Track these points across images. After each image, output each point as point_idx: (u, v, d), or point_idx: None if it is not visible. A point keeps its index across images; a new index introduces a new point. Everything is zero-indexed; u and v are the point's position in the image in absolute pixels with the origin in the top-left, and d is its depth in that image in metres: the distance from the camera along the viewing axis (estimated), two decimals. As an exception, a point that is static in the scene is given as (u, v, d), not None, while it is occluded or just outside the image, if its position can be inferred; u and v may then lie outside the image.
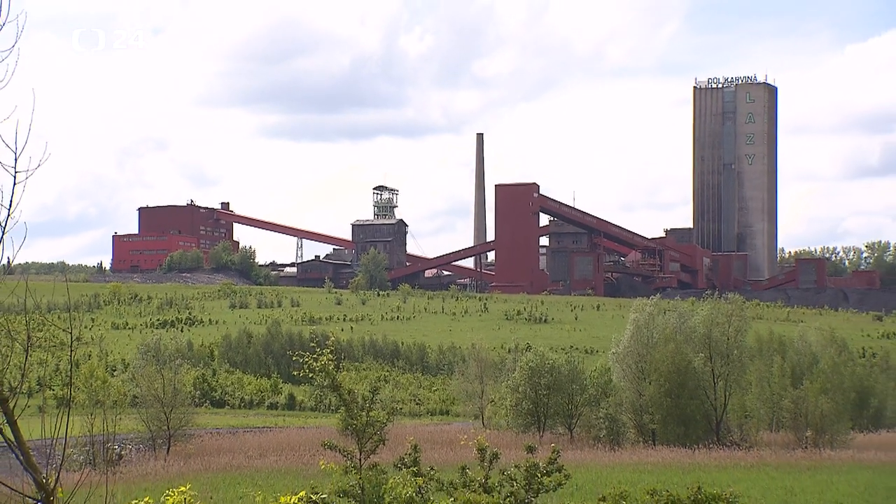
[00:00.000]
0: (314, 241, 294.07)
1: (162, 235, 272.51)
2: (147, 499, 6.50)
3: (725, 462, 53.56)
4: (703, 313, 72.96)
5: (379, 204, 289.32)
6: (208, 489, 36.64)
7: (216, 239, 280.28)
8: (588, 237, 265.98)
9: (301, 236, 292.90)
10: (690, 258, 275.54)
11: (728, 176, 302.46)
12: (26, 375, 8.48)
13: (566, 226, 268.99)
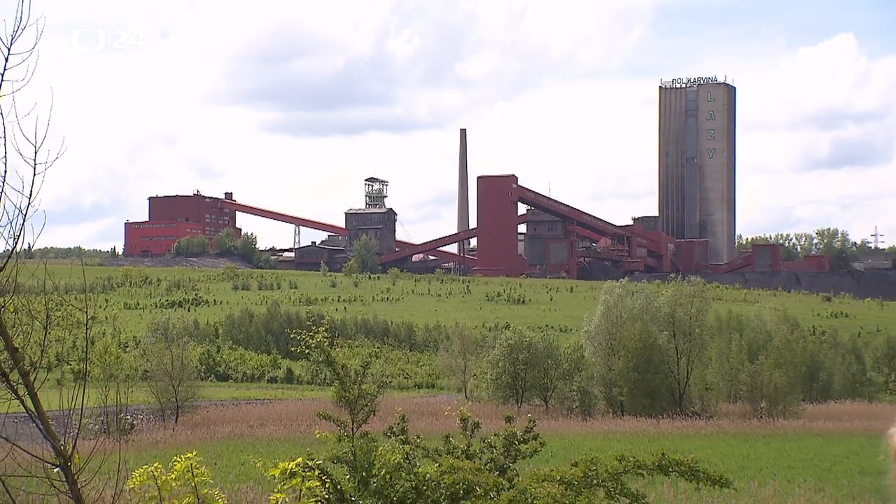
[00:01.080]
0: (310, 228, 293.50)
1: (170, 223, 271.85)
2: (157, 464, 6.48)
3: (687, 431, 53.72)
4: (668, 295, 73.15)
5: (370, 194, 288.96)
6: (213, 456, 36.65)
7: (220, 226, 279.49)
8: (562, 225, 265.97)
9: (298, 224, 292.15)
10: (656, 244, 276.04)
11: (691, 169, 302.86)
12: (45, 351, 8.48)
13: (542, 214, 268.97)
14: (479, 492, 7.58)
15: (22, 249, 8.49)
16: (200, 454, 6.74)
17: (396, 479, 7.88)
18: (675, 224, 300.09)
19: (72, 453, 8.51)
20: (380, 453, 8.11)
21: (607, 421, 60.64)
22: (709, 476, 7.37)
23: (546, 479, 6.79)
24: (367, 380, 10.30)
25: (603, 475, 7.14)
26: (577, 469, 6.96)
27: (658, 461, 7.35)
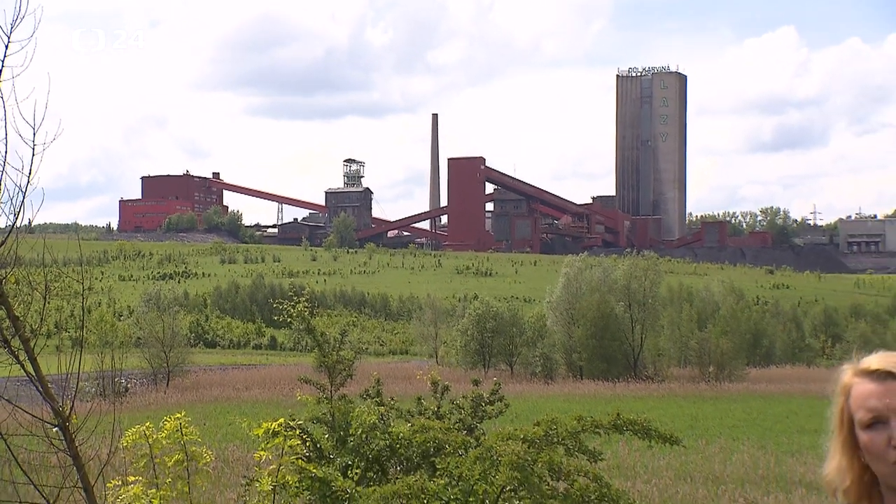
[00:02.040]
0: (293, 205, 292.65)
1: (161, 200, 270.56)
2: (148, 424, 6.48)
3: (641, 393, 53.93)
4: (624, 268, 73.43)
5: (348, 174, 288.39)
6: (202, 417, 36.60)
7: (208, 204, 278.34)
8: (526, 203, 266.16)
9: (281, 202, 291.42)
10: (613, 221, 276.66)
11: (645, 151, 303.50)
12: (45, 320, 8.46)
13: (508, 193, 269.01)
14: (448, 449, 7.59)
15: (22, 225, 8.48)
16: (190, 415, 6.73)
17: (372, 437, 7.88)
18: (631, 202, 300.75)
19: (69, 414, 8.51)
20: (356, 414, 8.11)
21: (567, 384, 60.85)
22: (660, 434, 7.39)
23: (510, 437, 6.81)
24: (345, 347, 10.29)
25: (563, 434, 7.15)
26: (538, 428, 6.98)
27: (613, 421, 7.37)
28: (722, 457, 30.17)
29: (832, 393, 3.25)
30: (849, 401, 3.18)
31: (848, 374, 3.22)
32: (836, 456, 3.21)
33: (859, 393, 3.14)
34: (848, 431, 3.17)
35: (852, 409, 3.16)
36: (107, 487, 6.96)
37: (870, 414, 3.08)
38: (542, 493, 6.68)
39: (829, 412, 3.24)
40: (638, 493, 22.55)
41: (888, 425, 3.04)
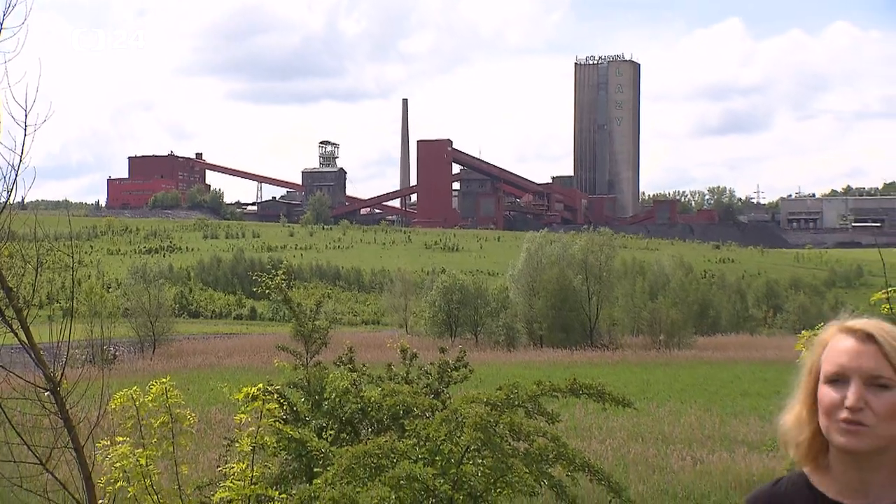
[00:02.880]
0: (271, 184, 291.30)
1: (147, 179, 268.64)
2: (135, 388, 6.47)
3: (597, 360, 54.12)
4: (581, 244, 73.54)
5: (323, 155, 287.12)
6: (186, 382, 36.46)
7: (191, 182, 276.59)
8: (491, 183, 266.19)
9: (260, 181, 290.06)
10: (571, 200, 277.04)
11: (601, 134, 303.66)
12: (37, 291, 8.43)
13: (473, 173, 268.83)
14: (416, 412, 7.60)
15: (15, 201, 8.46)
16: (174, 380, 6.71)
17: (345, 401, 7.89)
18: (588, 182, 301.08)
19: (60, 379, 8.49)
20: (330, 380, 8.11)
21: (528, 352, 60.97)
22: (613, 397, 7.43)
23: (474, 400, 6.82)
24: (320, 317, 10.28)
25: (523, 397, 7.18)
26: (500, 392, 7.00)
27: (570, 385, 7.40)
28: (671, 418, 30.34)
29: (810, 345, 3.10)
30: (822, 354, 3.02)
31: (831, 330, 3.05)
32: (798, 407, 3.05)
33: (835, 347, 2.97)
34: (814, 383, 3.01)
35: (823, 360, 2.99)
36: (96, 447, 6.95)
37: (837, 368, 2.92)
38: (503, 453, 6.71)
39: (801, 362, 3.07)
40: (593, 452, 22.66)
41: (848, 384, 2.87)
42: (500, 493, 6.78)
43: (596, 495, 12.49)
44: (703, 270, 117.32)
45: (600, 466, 7.00)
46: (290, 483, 7.16)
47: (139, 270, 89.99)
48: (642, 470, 22.11)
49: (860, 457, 2.87)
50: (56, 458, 8.66)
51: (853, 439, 2.83)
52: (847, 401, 2.84)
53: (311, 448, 7.09)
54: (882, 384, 2.84)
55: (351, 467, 6.27)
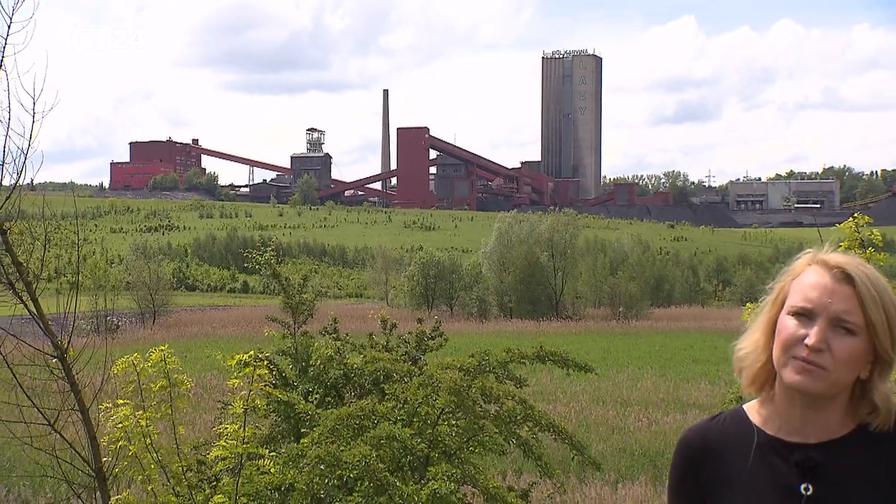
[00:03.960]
0: (262, 168, 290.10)
1: (148, 163, 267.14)
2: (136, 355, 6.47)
3: (561, 330, 54.33)
4: (548, 223, 73.67)
5: (311, 141, 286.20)
6: (183, 350, 36.37)
7: (188, 166, 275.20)
8: (465, 167, 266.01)
9: (252, 165, 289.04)
10: (539, 183, 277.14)
11: (566, 123, 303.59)
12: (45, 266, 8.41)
13: (449, 159, 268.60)
14: (395, 377, 7.61)
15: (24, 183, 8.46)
16: (173, 348, 6.70)
17: (329, 368, 7.89)
18: (554, 167, 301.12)
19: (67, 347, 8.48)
20: (316, 348, 8.11)
21: (499, 322, 61.17)
22: (576, 364, 7.46)
23: (448, 367, 6.84)
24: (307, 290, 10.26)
25: (493, 364, 7.19)
26: (473, 359, 7.01)
27: (537, 353, 7.43)
28: (629, 383, 30.49)
29: (782, 271, 2.69)
30: (794, 281, 2.62)
31: (805, 260, 2.65)
32: (756, 334, 2.66)
33: (807, 280, 2.56)
34: (777, 311, 2.62)
35: (791, 290, 2.59)
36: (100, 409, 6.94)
37: (804, 303, 2.52)
38: (475, 414, 6.73)
39: (770, 283, 2.67)
40: (558, 414, 22.75)
41: (813, 322, 2.49)
42: (472, 452, 6.79)
43: (560, 453, 12.54)
44: (658, 248, 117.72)
45: (564, 427, 7.03)
46: (279, 442, 7.16)
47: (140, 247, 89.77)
48: (603, 430, 22.23)
49: (808, 398, 2.54)
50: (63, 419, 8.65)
51: (808, 379, 2.48)
52: (809, 339, 2.47)
53: (299, 410, 7.09)
54: (848, 328, 2.47)
55: (335, 428, 6.27)
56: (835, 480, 2.53)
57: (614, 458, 18.95)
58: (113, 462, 7.55)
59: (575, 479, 16.29)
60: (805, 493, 2.54)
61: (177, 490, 6.41)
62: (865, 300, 2.47)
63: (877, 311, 2.47)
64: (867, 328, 2.48)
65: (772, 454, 2.61)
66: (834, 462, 2.55)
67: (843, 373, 2.50)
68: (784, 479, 2.57)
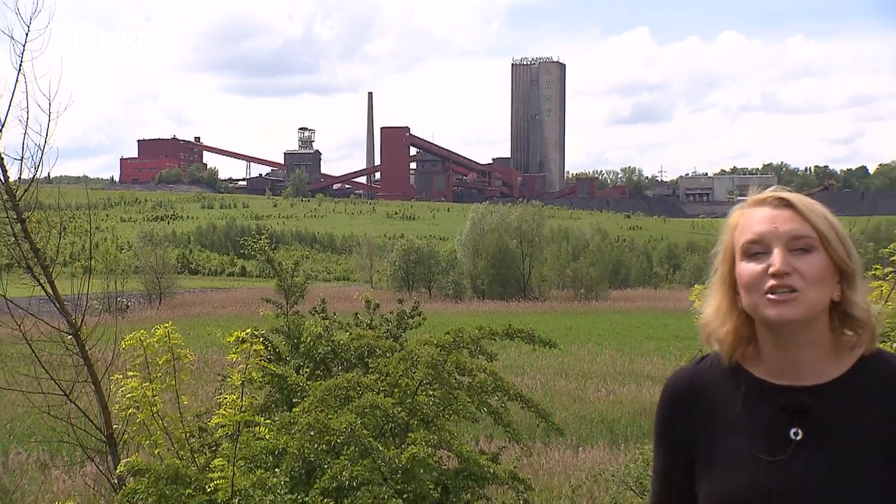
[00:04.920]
0: (258, 163, 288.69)
1: (154, 159, 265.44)
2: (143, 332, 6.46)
3: (529, 310, 54.41)
4: (516, 214, 73.77)
5: (302, 139, 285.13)
6: (187, 328, 36.19)
7: (191, 161, 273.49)
8: (442, 163, 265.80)
9: (249, 160, 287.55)
10: (508, 177, 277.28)
11: (534, 123, 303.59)
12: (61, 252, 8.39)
13: (427, 155, 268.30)
14: (378, 352, 7.62)
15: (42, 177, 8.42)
16: (177, 326, 6.69)
17: (318, 344, 7.89)
18: (522, 163, 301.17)
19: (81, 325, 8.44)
20: (306, 326, 8.11)
21: (472, 303, 61.21)
22: (542, 340, 7.48)
23: (426, 343, 6.86)
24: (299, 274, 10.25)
25: (467, 340, 7.21)
26: (448, 336, 7.03)
27: (506, 330, 7.45)
28: (589, 357, 30.60)
29: (720, 231, 2.39)
30: (735, 233, 2.32)
31: (738, 210, 2.36)
32: (716, 297, 2.37)
33: (746, 220, 2.29)
34: (730, 267, 2.33)
35: (736, 238, 2.30)
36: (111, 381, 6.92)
37: (753, 236, 2.24)
38: (451, 386, 6.75)
39: (714, 248, 2.38)
40: (525, 385, 22.82)
41: (768, 254, 2.21)
42: (447, 419, 6.81)
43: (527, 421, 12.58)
44: (616, 236, 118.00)
45: (531, 397, 7.06)
46: (273, 411, 7.16)
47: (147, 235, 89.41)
48: (565, 400, 22.31)
49: (789, 332, 2.22)
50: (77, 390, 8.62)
51: (785, 308, 2.17)
52: (772, 267, 2.18)
53: (291, 382, 7.09)
54: (804, 247, 2.20)
55: (324, 398, 6.28)
56: (825, 425, 2.22)
57: (575, 425, 19.02)
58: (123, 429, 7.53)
59: (540, 443, 16.36)
60: (795, 438, 2.23)
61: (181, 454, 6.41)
62: (809, 215, 2.22)
63: (823, 223, 2.21)
64: (821, 241, 2.20)
65: (761, 398, 2.29)
66: (825, 406, 2.23)
67: (815, 291, 2.18)
68: (773, 423, 2.26)
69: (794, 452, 2.21)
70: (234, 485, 5.73)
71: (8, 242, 8.28)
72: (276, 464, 6.01)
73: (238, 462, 5.85)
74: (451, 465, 6.74)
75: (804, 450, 2.21)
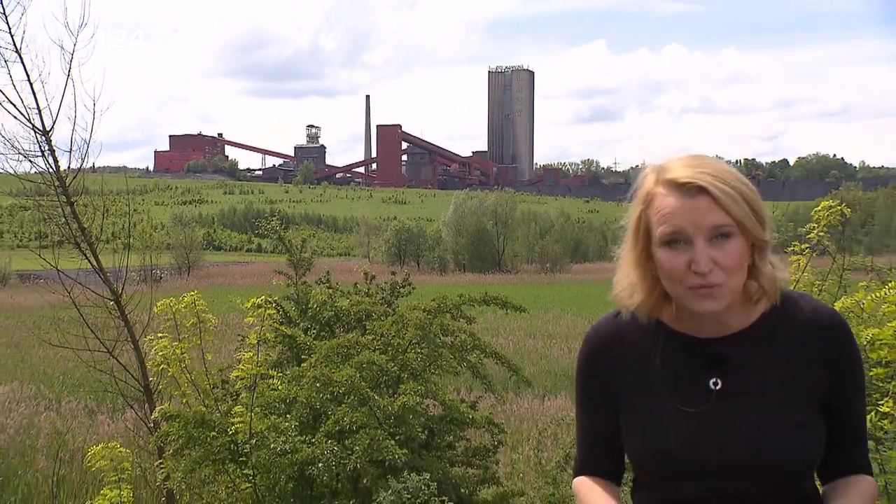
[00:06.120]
0: (272, 156, 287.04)
1: (183, 151, 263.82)
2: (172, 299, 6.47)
3: (503, 281, 54.49)
4: (492, 199, 73.84)
5: (309, 135, 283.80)
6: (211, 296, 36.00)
7: (215, 154, 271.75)
8: (429, 156, 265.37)
9: (264, 153, 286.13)
10: (486, 168, 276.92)
11: (507, 122, 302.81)
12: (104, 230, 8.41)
13: (416, 149, 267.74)
14: (374, 316, 7.64)
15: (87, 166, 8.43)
16: (202, 294, 6.70)
17: (323, 309, 7.90)
18: (498, 156, 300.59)
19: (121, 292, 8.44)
20: (313, 294, 8.12)
21: (455, 275, 61.25)
22: (514, 305, 7.51)
23: (415, 308, 6.88)
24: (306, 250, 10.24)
25: (450, 306, 7.24)
26: (433, 302, 7.06)
27: (483, 297, 7.48)
28: (554, 321, 30.69)
29: (628, 197, 2.05)
30: (648, 210, 1.97)
31: (651, 181, 1.97)
32: (629, 272, 2.09)
33: (663, 205, 1.92)
34: (644, 245, 2.01)
35: (652, 221, 1.96)
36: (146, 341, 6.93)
37: (673, 229, 1.89)
38: (436, 345, 6.78)
39: (625, 218, 2.05)
40: (500, 344, 22.90)
41: (691, 246, 1.88)
42: (433, 373, 6.85)
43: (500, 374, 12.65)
44: (577, 218, 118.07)
45: (504, 354, 7.09)
46: (285, 366, 7.18)
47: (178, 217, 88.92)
48: (533, 356, 22.40)
49: (710, 314, 1.95)
50: (119, 348, 8.63)
51: (711, 302, 1.89)
52: (696, 266, 1.87)
53: (300, 342, 7.10)
54: (723, 234, 1.88)
55: (328, 355, 6.29)
56: (744, 373, 1.95)
57: (542, 378, 19.12)
58: (157, 381, 7.55)
59: (512, 393, 16.45)
60: (714, 388, 1.95)
61: (206, 402, 6.43)
62: (725, 202, 1.86)
63: (739, 208, 1.87)
64: (738, 225, 1.88)
65: (680, 349, 2.01)
66: (742, 355, 1.95)
67: (736, 278, 1.90)
68: (693, 374, 1.98)
69: (714, 402, 1.95)
70: (251, 428, 5.76)
71: (59, 223, 8.32)
72: (287, 410, 6.04)
73: (255, 409, 5.88)
74: (436, 412, 6.78)
75: (723, 399, 1.94)
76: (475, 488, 6.26)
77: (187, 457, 5.84)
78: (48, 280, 9.14)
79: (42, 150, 8.10)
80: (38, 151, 8.10)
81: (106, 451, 6.25)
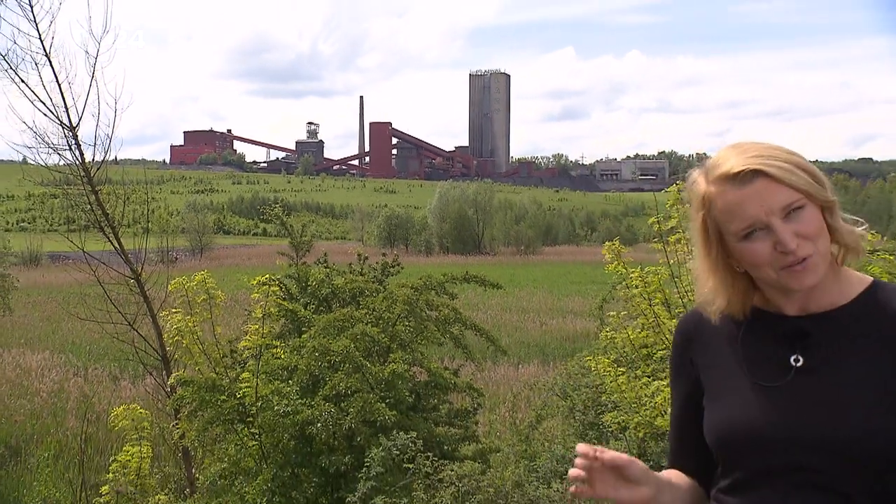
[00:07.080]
0: (276, 150, 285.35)
1: (196, 146, 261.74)
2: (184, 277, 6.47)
3: (482, 262, 54.56)
4: (473, 189, 73.78)
5: (309, 131, 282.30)
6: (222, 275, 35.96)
7: (224, 148, 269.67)
8: (416, 150, 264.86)
9: (269, 147, 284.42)
10: (467, 161, 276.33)
11: (486, 120, 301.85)
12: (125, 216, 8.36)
13: (405, 144, 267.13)
14: (367, 293, 7.64)
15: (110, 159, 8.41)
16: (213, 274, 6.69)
17: (322, 287, 7.90)
18: (477, 150, 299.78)
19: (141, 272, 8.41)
20: (312, 273, 8.12)
21: (440, 257, 61.27)
22: (491, 283, 7.55)
23: (403, 286, 6.88)
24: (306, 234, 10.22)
25: (434, 284, 7.25)
26: (420, 280, 7.07)
27: (464, 276, 7.50)
28: (528, 297, 30.80)
29: (689, 202, 1.78)
30: (711, 213, 1.72)
31: (701, 184, 1.74)
32: (707, 279, 1.77)
33: (726, 202, 1.68)
34: (717, 250, 1.74)
35: (720, 222, 1.70)
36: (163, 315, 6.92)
37: (749, 221, 1.66)
38: (422, 318, 6.79)
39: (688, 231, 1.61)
40: (478, 318, 22.91)
41: (769, 230, 1.65)
42: (419, 343, 6.87)
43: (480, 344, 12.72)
44: (548, 206, 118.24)
45: (482, 326, 7.12)
46: (287, 337, 7.18)
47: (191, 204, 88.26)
48: (509, 329, 22.48)
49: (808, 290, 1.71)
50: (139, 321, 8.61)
51: (809, 276, 1.66)
52: (783, 246, 1.63)
53: (300, 316, 7.10)
54: (795, 208, 1.65)
55: (325, 328, 6.30)
56: (826, 352, 1.70)
57: (516, 348, 19.20)
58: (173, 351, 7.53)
59: (490, 362, 16.52)
60: (795, 365, 1.71)
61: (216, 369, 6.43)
62: (785, 177, 1.65)
63: (798, 178, 1.66)
64: (805, 195, 1.65)
65: (763, 326, 1.77)
66: (826, 333, 1.71)
67: (822, 242, 1.67)
68: (774, 351, 1.74)
69: (794, 378, 1.70)
70: (257, 392, 5.77)
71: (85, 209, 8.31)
72: (289, 377, 6.05)
73: (260, 375, 5.89)
74: (422, 378, 6.80)
75: (803, 376, 1.70)
76: (457, 445, 6.30)
77: (200, 418, 5.85)
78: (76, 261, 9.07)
79: (69, 144, 8.07)
80: (65, 145, 8.08)
81: (128, 412, 6.25)
